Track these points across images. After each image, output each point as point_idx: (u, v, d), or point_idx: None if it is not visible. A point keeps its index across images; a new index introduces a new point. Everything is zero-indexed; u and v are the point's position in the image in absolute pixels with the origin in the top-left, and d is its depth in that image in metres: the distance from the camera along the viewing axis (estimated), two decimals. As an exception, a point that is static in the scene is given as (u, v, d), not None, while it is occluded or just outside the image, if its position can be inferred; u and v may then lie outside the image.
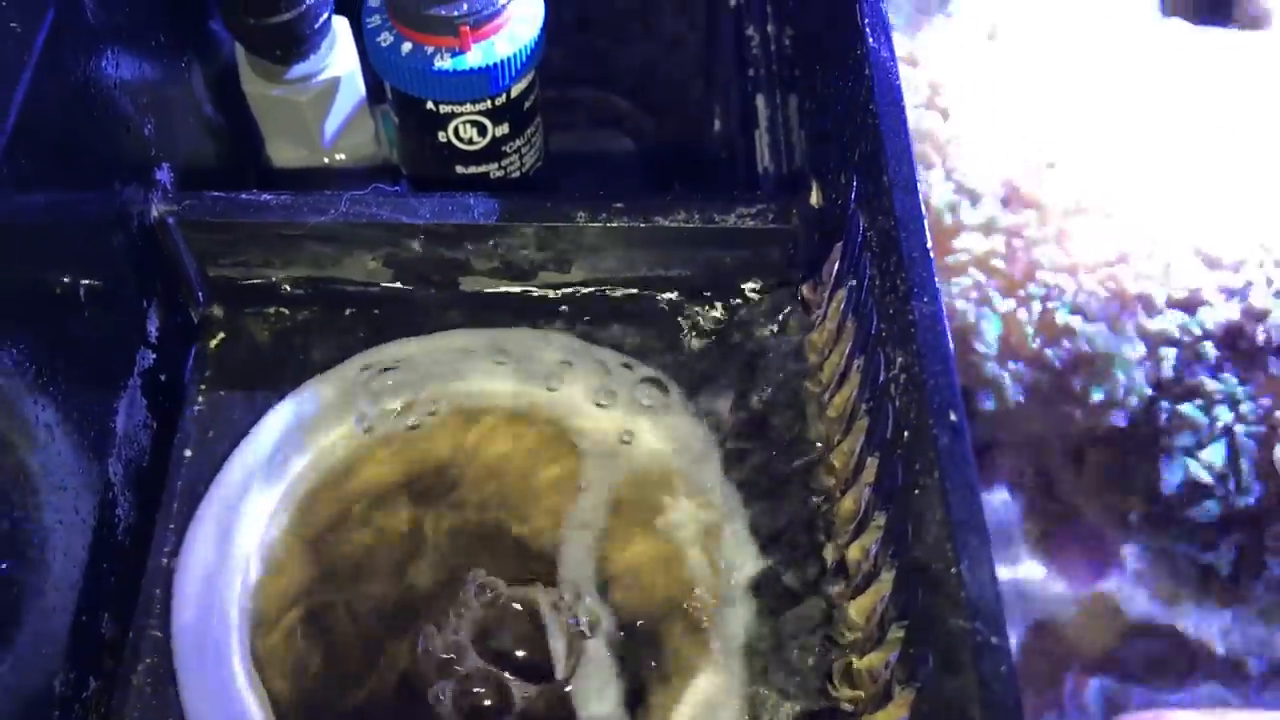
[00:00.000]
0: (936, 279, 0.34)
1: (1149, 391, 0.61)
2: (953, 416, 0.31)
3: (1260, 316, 0.58)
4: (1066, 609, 0.67)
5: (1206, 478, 0.60)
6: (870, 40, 0.39)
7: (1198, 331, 0.57)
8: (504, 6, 0.49)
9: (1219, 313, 0.58)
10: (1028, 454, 0.69)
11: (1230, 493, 0.60)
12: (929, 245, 0.34)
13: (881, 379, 0.37)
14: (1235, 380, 0.60)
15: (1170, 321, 0.58)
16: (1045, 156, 0.61)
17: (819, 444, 0.45)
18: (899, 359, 0.35)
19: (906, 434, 0.34)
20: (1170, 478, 0.61)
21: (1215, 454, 0.60)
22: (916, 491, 0.33)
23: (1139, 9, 0.69)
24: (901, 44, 0.67)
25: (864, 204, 0.40)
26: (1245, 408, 0.60)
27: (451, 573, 0.44)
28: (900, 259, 0.34)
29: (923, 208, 0.35)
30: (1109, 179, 0.60)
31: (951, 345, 0.32)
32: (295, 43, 0.52)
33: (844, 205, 0.42)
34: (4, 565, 0.35)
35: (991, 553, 0.29)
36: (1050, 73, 0.65)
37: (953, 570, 0.29)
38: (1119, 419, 0.62)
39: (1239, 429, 0.60)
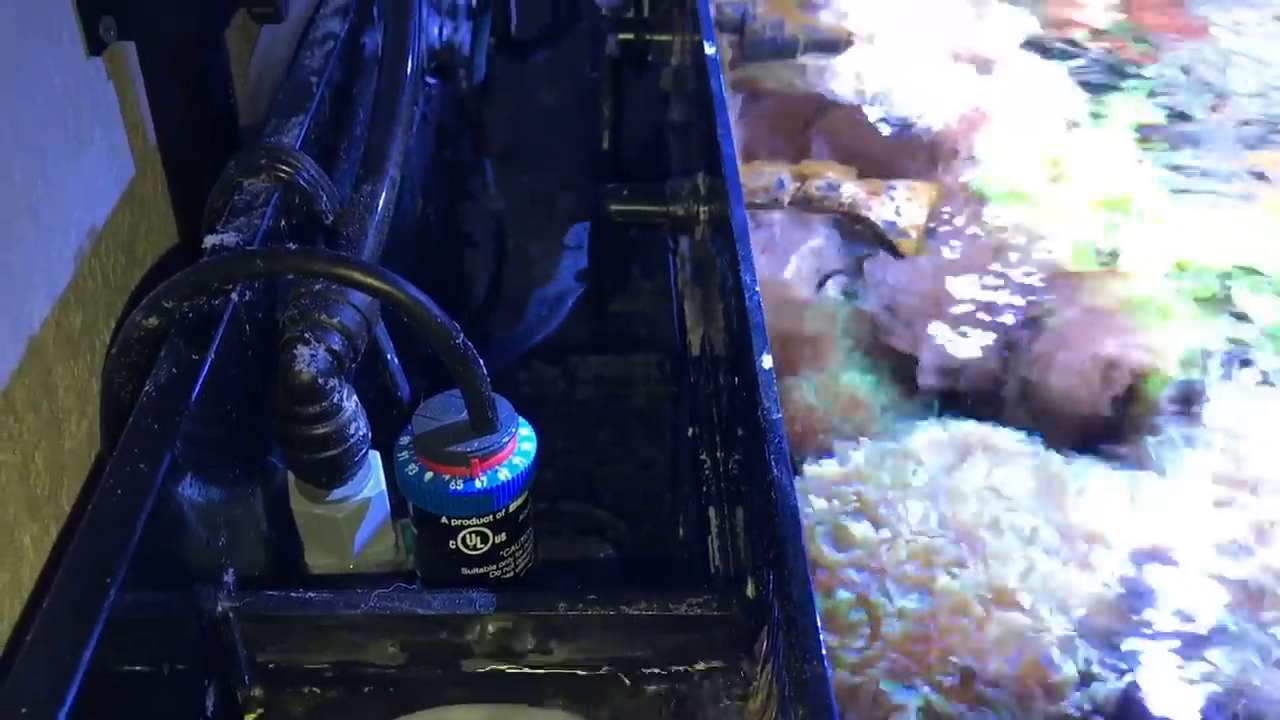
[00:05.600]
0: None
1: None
2: (835, 753, 0.41)
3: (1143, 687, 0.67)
4: None
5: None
6: (774, 470, 0.52)
7: (1089, 706, 0.67)
8: (506, 443, 0.63)
9: (1109, 686, 0.68)
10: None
11: None
12: (818, 622, 0.46)
13: (793, 732, 0.47)
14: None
15: (1070, 700, 0.68)
16: (957, 555, 0.73)
17: (757, 797, 0.53)
18: (800, 712, 0.45)
19: (808, 773, 0.43)
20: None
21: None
22: (815, 818, 0.42)
23: (1032, 450, 0.84)
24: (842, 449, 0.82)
25: (777, 594, 0.51)
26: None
27: None
28: (797, 634, 0.46)
29: (814, 594, 0.47)
30: (1009, 573, 0.72)
31: (834, 699, 0.43)
32: (338, 472, 0.66)
33: (767, 595, 0.54)
34: None
35: None
36: (962, 483, 0.78)
37: None
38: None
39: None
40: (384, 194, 0.74)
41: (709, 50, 0.89)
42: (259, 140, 0.77)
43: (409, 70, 0.85)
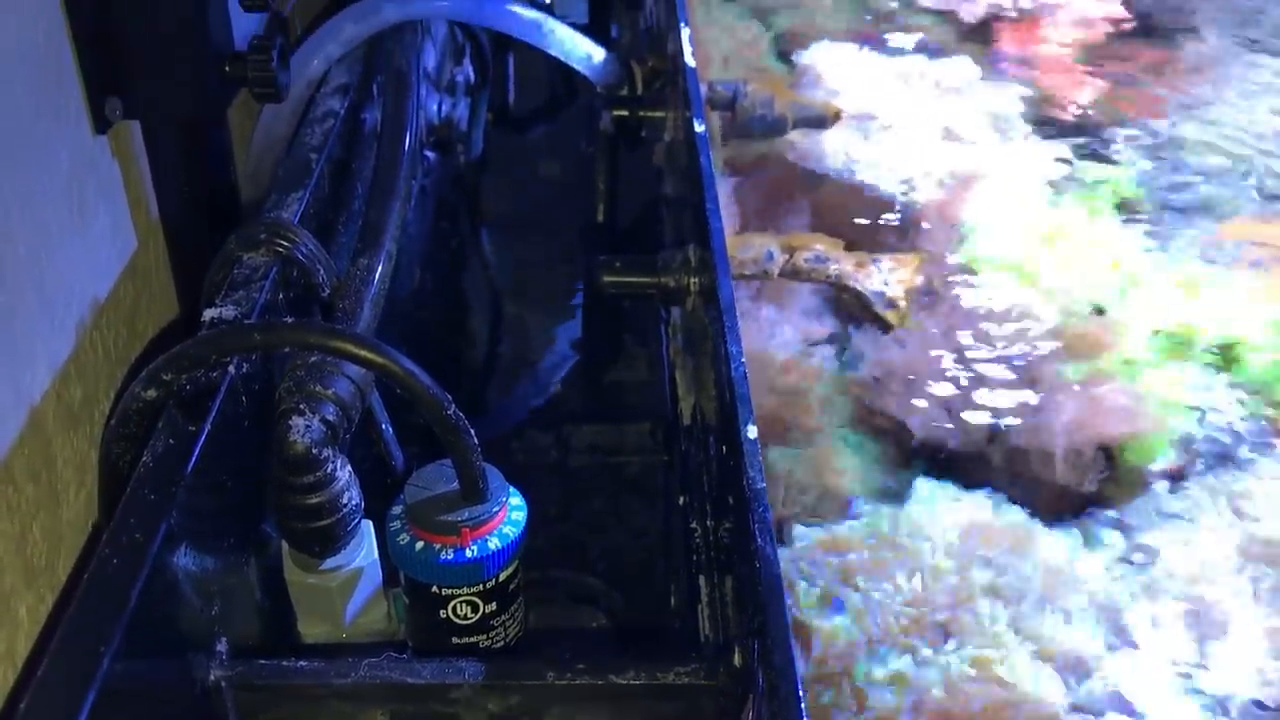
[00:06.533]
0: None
1: None
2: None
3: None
4: None
5: None
6: (758, 539, 0.53)
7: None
8: (496, 513, 0.64)
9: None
10: None
11: None
12: (800, 691, 0.46)
13: (777, 800, 0.47)
14: None
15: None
16: (945, 625, 0.74)
17: None
18: (783, 781, 0.46)
19: (790, 840, 0.44)
20: None
21: None
22: None
23: (1020, 521, 0.85)
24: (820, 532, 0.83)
25: (761, 661, 0.52)
26: None
27: None
28: (779, 702, 0.46)
29: (798, 660, 0.47)
30: (996, 645, 0.72)
31: (816, 766, 0.43)
32: (331, 542, 0.67)
33: (753, 664, 0.55)
34: None
35: None
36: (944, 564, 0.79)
37: None
38: None
39: None
40: (380, 267, 0.76)
41: (699, 128, 0.91)
42: (259, 215, 0.79)
43: (406, 147, 0.87)
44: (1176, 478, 0.88)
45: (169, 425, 0.59)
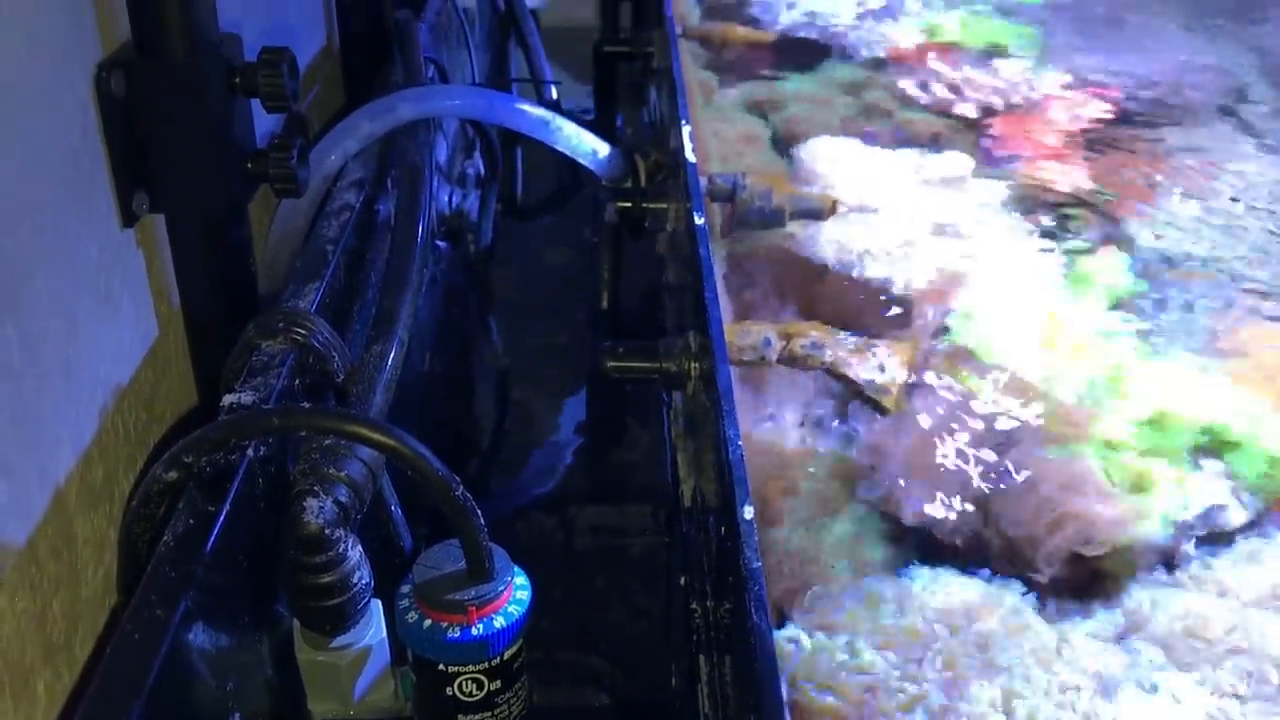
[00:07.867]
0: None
1: None
2: None
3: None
4: None
5: None
6: (754, 618, 0.55)
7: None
8: (502, 592, 0.66)
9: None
10: None
11: None
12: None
13: None
14: None
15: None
16: (941, 705, 0.75)
17: None
18: None
19: None
20: None
21: None
22: None
23: (1014, 603, 0.86)
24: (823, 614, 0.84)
25: (757, 736, 0.54)
26: None
27: None
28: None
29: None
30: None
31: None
32: (341, 620, 0.69)
33: (749, 739, 0.56)
34: None
35: None
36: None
37: None
38: None
39: None
40: (392, 354, 0.79)
41: (699, 220, 0.95)
42: (277, 304, 0.83)
43: (419, 239, 0.91)
44: (1168, 562, 0.90)
45: (189, 506, 0.62)
